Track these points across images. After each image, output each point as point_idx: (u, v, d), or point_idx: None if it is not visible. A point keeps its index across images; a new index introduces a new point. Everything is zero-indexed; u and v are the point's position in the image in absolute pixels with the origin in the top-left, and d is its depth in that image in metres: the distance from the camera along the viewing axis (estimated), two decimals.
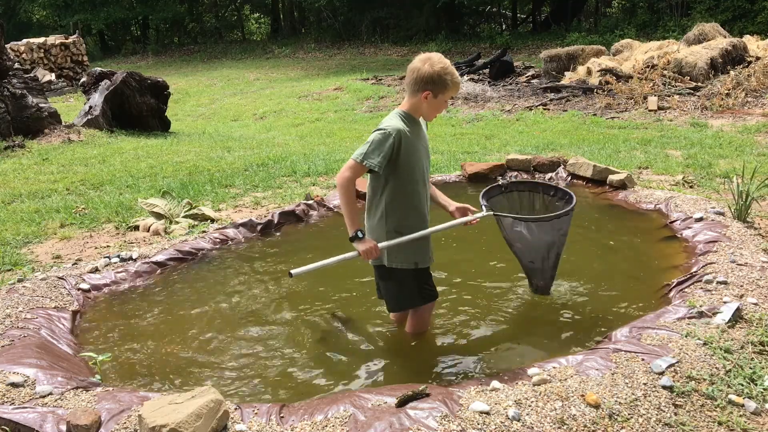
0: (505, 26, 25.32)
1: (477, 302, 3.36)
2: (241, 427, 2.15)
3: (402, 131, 2.58)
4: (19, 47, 17.50)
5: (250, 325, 3.25)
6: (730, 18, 16.57)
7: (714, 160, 6.13)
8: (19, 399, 2.37)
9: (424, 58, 2.61)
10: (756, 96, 9.30)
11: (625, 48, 12.57)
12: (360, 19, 24.87)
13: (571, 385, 2.28)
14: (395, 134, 2.55)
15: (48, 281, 3.57)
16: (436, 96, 2.61)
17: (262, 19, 34.03)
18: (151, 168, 6.94)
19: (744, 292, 2.97)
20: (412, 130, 2.63)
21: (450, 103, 2.89)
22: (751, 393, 2.30)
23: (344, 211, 2.62)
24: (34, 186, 6.24)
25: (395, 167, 2.61)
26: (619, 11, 23.74)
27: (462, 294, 3.46)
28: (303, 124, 10.85)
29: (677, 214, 4.29)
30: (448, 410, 2.15)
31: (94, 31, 29.42)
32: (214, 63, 23.48)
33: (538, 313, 3.23)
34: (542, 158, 5.93)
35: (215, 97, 15.36)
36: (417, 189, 2.70)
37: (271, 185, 6.08)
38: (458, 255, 4.03)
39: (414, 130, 2.66)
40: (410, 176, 2.65)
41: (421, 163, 2.70)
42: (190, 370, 2.84)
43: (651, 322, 2.77)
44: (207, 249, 4.28)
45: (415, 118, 2.69)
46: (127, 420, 2.20)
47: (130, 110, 9.67)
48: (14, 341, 2.84)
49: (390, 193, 2.67)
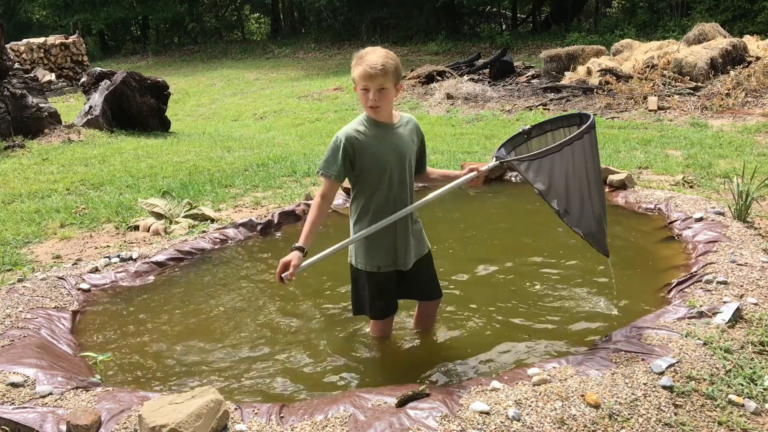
0: (505, 26, 25.30)
1: (477, 302, 3.35)
2: (241, 427, 2.15)
3: (351, 136, 2.48)
4: (19, 47, 17.51)
5: (250, 324, 3.25)
6: (730, 18, 16.57)
7: (714, 160, 6.12)
8: (19, 399, 2.37)
9: None
10: (756, 96, 9.29)
11: (625, 48, 12.57)
12: (360, 19, 24.86)
13: (571, 385, 2.28)
14: (343, 140, 2.48)
15: (48, 281, 3.57)
16: (356, 86, 2.49)
17: (262, 19, 34.03)
18: (151, 168, 6.94)
19: (744, 292, 2.97)
20: (369, 133, 2.51)
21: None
22: (751, 393, 2.30)
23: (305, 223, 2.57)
24: (34, 186, 6.24)
25: (359, 172, 2.55)
26: (619, 11, 23.73)
27: (462, 294, 3.46)
28: (303, 124, 10.86)
29: (677, 214, 4.28)
30: (448, 410, 2.15)
31: (94, 31, 29.42)
32: (214, 63, 23.48)
33: (538, 313, 3.23)
34: None
35: (215, 97, 15.36)
36: (382, 193, 2.56)
37: (271, 185, 6.08)
38: (458, 254, 4.04)
39: (375, 133, 2.52)
40: (372, 181, 2.55)
41: (386, 167, 2.53)
42: (190, 370, 2.84)
43: (651, 322, 2.77)
44: (207, 249, 4.28)
45: (375, 120, 2.53)
46: (127, 420, 2.20)
47: (130, 110, 9.67)
48: (14, 341, 2.84)
49: (357, 198, 2.62)
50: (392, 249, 2.63)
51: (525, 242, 4.33)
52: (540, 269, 3.79)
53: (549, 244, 4.22)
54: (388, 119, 2.57)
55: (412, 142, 2.63)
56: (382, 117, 2.54)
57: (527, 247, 4.22)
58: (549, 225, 4.67)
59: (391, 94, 2.48)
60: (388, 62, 2.41)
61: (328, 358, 2.89)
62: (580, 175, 2.60)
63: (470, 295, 3.44)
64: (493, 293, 3.48)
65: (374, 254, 2.62)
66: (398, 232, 2.61)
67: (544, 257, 3.96)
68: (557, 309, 3.26)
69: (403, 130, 2.61)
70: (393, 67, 2.43)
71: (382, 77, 2.40)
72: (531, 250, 4.12)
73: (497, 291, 3.52)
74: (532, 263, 3.88)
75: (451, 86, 11.95)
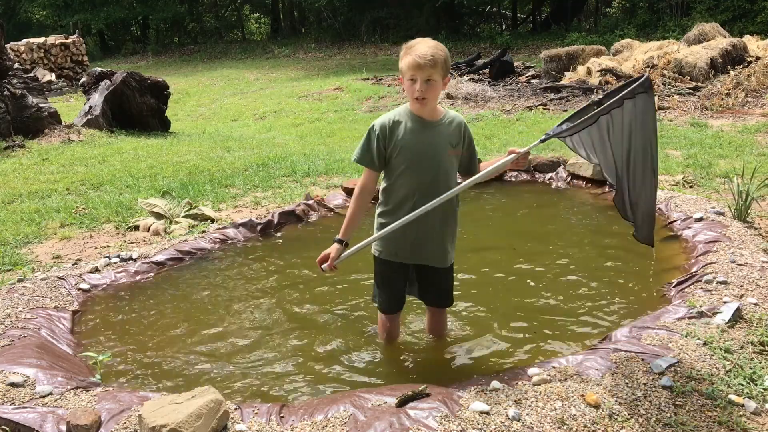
0: (505, 26, 25.31)
1: (477, 302, 3.35)
2: (241, 427, 2.15)
3: (384, 125, 2.49)
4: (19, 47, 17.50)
5: (250, 324, 3.25)
6: (730, 18, 16.57)
7: (714, 160, 6.12)
8: (19, 399, 2.37)
9: None
10: (756, 96, 9.29)
11: (625, 48, 12.57)
12: (360, 19, 24.87)
13: (571, 385, 2.28)
14: (378, 128, 2.50)
15: (48, 281, 3.57)
16: (402, 76, 2.47)
17: (262, 19, 34.03)
18: (151, 168, 6.94)
19: (744, 292, 2.97)
20: (406, 125, 2.49)
21: (418, 88, 2.54)
22: (751, 393, 2.30)
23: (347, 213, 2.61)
24: (34, 186, 6.24)
25: (388, 162, 2.54)
26: (619, 11, 23.74)
27: (461, 294, 3.46)
28: (303, 124, 10.85)
29: (677, 214, 4.29)
30: (448, 410, 2.15)
31: (94, 31, 29.43)
32: (214, 63, 23.47)
33: (538, 313, 3.23)
34: (542, 158, 5.93)
35: (215, 97, 15.36)
36: (406, 188, 2.52)
37: (271, 185, 6.08)
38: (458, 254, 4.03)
39: (412, 126, 2.49)
40: (398, 173, 2.53)
41: (414, 162, 2.49)
42: (190, 370, 2.84)
43: (651, 322, 2.77)
44: (207, 249, 4.28)
45: (416, 114, 2.50)
46: (127, 420, 2.20)
47: (130, 110, 9.67)
48: (14, 341, 2.84)
49: (384, 187, 2.62)
50: (393, 239, 2.58)
51: (524, 242, 4.32)
52: (540, 269, 3.79)
53: (549, 243, 4.22)
54: (429, 115, 2.52)
55: (450, 145, 2.54)
56: (425, 112, 2.50)
57: (527, 247, 4.22)
58: (548, 225, 4.67)
59: (438, 87, 2.45)
60: (438, 53, 2.39)
61: (329, 358, 2.89)
62: (636, 145, 2.34)
63: (470, 295, 3.44)
64: (492, 293, 3.49)
65: (384, 241, 2.63)
66: (408, 225, 2.52)
67: (544, 257, 3.96)
68: (557, 309, 3.26)
69: (443, 129, 2.54)
70: (443, 59, 2.40)
71: (431, 68, 2.37)
72: (529, 250, 4.13)
73: (497, 291, 3.52)
74: (531, 263, 3.88)
75: (451, 86, 11.94)
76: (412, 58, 2.37)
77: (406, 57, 2.40)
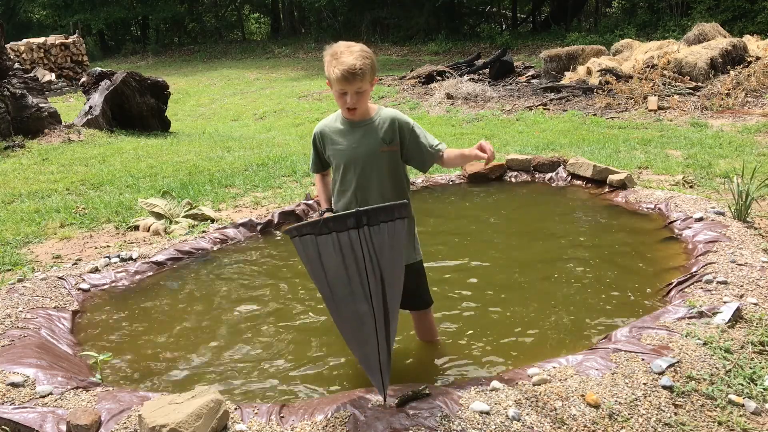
0: (505, 26, 25.31)
1: (477, 302, 3.35)
2: (241, 427, 2.15)
3: (319, 131, 2.64)
4: (19, 47, 17.50)
5: (250, 325, 3.25)
6: (730, 18, 16.58)
7: (714, 160, 6.12)
8: (19, 399, 2.37)
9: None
10: (756, 96, 9.30)
11: (625, 48, 12.57)
12: (360, 19, 24.87)
13: (571, 385, 2.28)
14: (315, 135, 2.67)
15: (48, 281, 3.57)
16: (331, 85, 2.44)
17: (262, 19, 34.03)
18: (151, 168, 6.94)
19: (744, 292, 2.97)
20: (338, 128, 2.57)
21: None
22: (751, 393, 2.30)
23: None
24: (34, 186, 6.24)
25: (330, 160, 2.68)
26: (619, 11, 23.73)
27: (461, 293, 3.46)
28: (303, 124, 10.85)
29: (677, 214, 4.29)
30: (448, 410, 2.15)
31: (94, 31, 29.42)
32: (214, 63, 23.48)
33: (538, 313, 3.23)
34: (542, 158, 5.93)
35: (215, 97, 15.36)
36: (345, 184, 2.61)
37: (271, 185, 6.08)
38: (458, 254, 4.04)
39: (343, 128, 2.56)
40: (337, 172, 2.64)
41: (345, 161, 2.55)
42: (190, 370, 2.84)
43: (651, 322, 2.77)
44: (207, 249, 4.28)
45: (343, 117, 2.55)
46: (127, 420, 2.20)
47: (130, 110, 9.68)
48: (14, 341, 2.84)
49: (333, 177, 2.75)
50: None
51: (524, 241, 4.32)
52: (539, 269, 3.79)
53: (548, 243, 4.22)
54: (360, 117, 2.54)
55: (383, 141, 2.53)
56: (356, 116, 2.53)
57: (526, 247, 4.22)
58: (548, 224, 4.67)
59: (368, 93, 2.46)
60: (365, 63, 2.35)
61: (329, 358, 2.89)
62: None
63: (470, 295, 3.44)
64: (492, 293, 3.48)
65: None
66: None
67: (543, 257, 3.96)
68: (557, 309, 3.26)
69: (374, 128, 2.53)
70: (369, 66, 2.38)
71: (360, 81, 2.36)
72: (530, 250, 4.13)
73: (496, 291, 3.52)
74: (532, 263, 3.88)
75: (451, 86, 11.95)
76: (341, 73, 2.33)
77: (334, 69, 2.35)
